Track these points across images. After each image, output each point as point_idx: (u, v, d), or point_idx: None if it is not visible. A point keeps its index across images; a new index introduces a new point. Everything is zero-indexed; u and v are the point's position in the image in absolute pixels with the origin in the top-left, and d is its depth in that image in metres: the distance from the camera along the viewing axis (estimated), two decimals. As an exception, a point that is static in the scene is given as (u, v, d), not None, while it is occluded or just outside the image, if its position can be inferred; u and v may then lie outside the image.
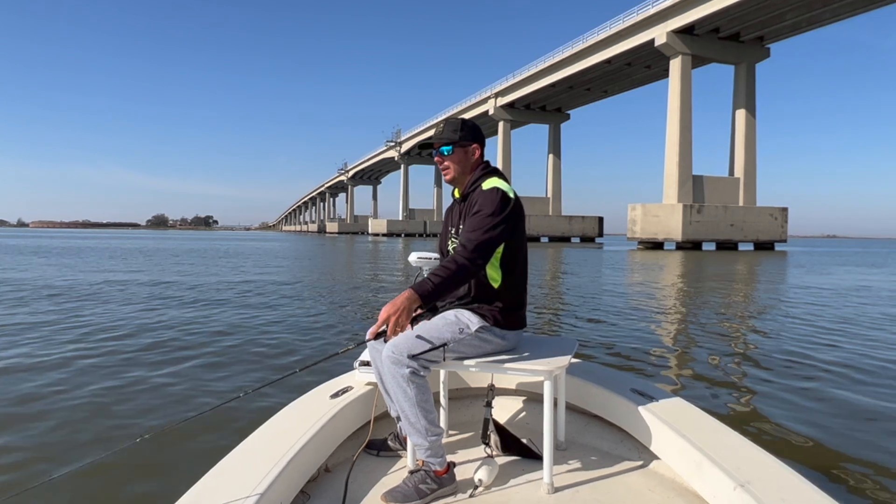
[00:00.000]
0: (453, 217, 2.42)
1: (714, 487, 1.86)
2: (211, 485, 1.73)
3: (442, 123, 2.41)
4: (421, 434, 2.09)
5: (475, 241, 2.14)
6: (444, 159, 2.35)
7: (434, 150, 2.38)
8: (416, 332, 2.12)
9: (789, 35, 51.10)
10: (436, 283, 2.07)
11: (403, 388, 2.06)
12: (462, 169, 2.36)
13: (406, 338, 2.09)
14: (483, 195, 2.26)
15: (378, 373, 2.28)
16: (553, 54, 61.99)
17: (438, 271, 2.09)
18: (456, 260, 2.12)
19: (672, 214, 49.34)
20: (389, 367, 2.06)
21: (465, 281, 2.17)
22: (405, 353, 2.05)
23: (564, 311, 9.84)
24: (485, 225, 2.16)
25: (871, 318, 9.41)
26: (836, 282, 17.11)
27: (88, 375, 5.03)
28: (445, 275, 2.08)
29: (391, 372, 2.07)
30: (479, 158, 2.39)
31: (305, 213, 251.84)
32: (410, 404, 2.07)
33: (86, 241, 50.15)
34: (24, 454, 3.34)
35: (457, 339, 2.15)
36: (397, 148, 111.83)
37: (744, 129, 51.54)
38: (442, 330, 2.14)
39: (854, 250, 59.28)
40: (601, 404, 2.53)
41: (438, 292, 2.08)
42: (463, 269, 2.11)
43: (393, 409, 2.33)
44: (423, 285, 2.06)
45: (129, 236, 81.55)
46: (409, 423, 2.10)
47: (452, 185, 2.42)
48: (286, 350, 6.23)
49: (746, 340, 7.32)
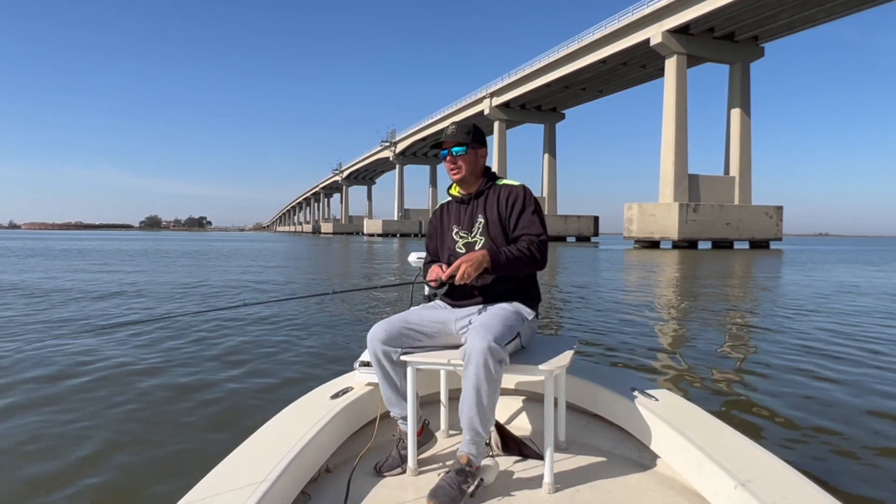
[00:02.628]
0: (460, 216, 2.47)
1: (714, 486, 1.87)
2: (212, 485, 1.73)
3: (454, 125, 2.47)
4: (485, 427, 2.09)
5: (546, 241, 2.35)
6: (457, 159, 2.42)
7: (444, 150, 2.45)
8: (501, 321, 2.13)
9: (783, 34, 51.28)
10: (509, 258, 2.25)
11: (494, 377, 2.02)
12: (471, 170, 2.45)
13: (502, 327, 2.10)
14: (525, 193, 2.40)
15: (381, 372, 2.27)
16: (548, 54, 62.10)
17: (515, 250, 2.27)
18: (532, 251, 2.29)
19: (668, 213, 49.45)
20: (486, 354, 1.99)
21: (527, 271, 2.35)
22: (503, 342, 2.06)
23: (563, 310, 9.85)
24: (545, 225, 2.37)
25: (872, 315, 9.44)
26: (835, 279, 17.18)
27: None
28: (521, 256, 2.26)
29: (485, 358, 2.00)
30: (485, 160, 2.50)
31: (300, 213, 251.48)
32: (493, 393, 2.05)
33: (86, 243, 49.97)
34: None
35: (522, 329, 2.24)
36: (392, 148, 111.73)
37: (739, 128, 51.69)
38: (512, 319, 2.20)
39: (847, 248, 59.55)
40: (601, 403, 2.54)
41: (507, 267, 2.25)
42: (534, 262, 2.30)
43: (397, 411, 2.32)
44: (498, 254, 2.24)
45: (125, 237, 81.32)
46: (481, 413, 2.05)
47: (460, 184, 2.49)
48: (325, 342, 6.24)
49: (746, 339, 7.34)
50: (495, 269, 2.24)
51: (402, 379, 2.29)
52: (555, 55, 60.76)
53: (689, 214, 49.15)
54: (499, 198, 2.41)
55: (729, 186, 52.28)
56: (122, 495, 2.91)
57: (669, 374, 5.38)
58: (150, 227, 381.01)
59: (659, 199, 51.19)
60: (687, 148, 50.76)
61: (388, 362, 2.26)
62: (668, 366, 5.75)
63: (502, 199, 2.40)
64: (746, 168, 52.43)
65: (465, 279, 2.20)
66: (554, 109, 76.76)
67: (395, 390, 2.31)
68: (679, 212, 48.69)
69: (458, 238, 2.45)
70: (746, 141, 52.12)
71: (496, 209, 2.39)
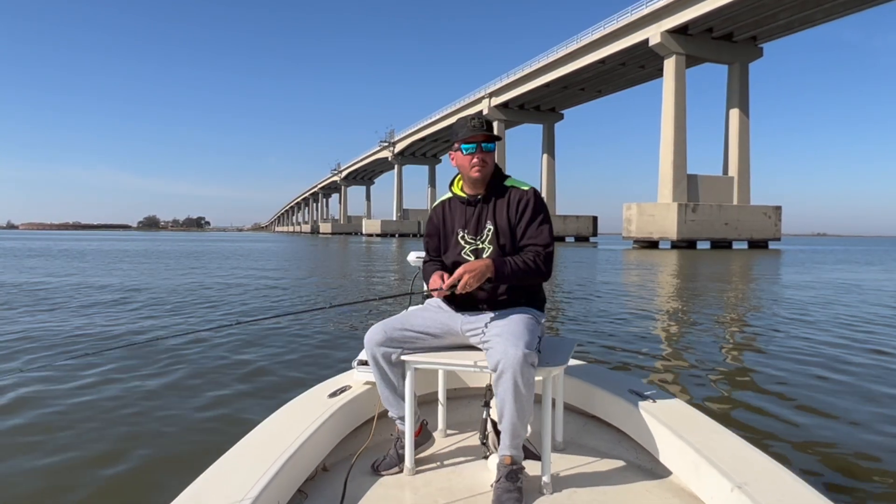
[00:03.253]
0: (466, 219, 2.35)
1: (711, 488, 1.87)
2: (208, 484, 1.73)
3: (477, 119, 2.31)
4: (525, 428, 2.11)
5: (552, 253, 2.30)
6: (486, 155, 2.29)
7: (470, 144, 2.28)
8: (526, 327, 2.13)
9: (782, 35, 51.33)
10: (514, 269, 2.21)
11: (531, 383, 2.04)
12: (492, 168, 2.35)
13: (529, 334, 2.10)
14: (535, 200, 2.32)
15: (379, 372, 2.27)
16: (547, 54, 62.13)
17: (520, 262, 2.23)
18: (539, 263, 2.25)
19: (667, 213, 49.48)
20: (523, 362, 1.99)
21: (530, 282, 2.30)
22: (533, 347, 2.06)
23: (562, 311, 9.85)
24: (552, 235, 2.32)
25: (870, 316, 9.45)
26: (836, 279, 17.19)
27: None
28: (525, 268, 2.23)
29: (523, 366, 2.00)
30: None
31: (298, 213, 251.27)
32: (531, 395, 2.06)
33: (84, 244, 49.90)
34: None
35: (539, 333, 2.23)
36: (391, 148, 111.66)
37: (737, 128, 51.73)
38: (532, 324, 2.20)
39: (845, 248, 59.60)
40: (599, 405, 2.54)
41: (511, 277, 2.22)
42: (539, 273, 2.26)
43: (395, 411, 2.33)
44: (503, 265, 2.20)
45: (124, 238, 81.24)
46: (522, 417, 2.06)
47: (474, 183, 2.34)
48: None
49: (744, 341, 7.34)
50: (499, 280, 2.21)
51: (399, 379, 2.28)
52: (554, 55, 60.77)
53: (687, 214, 49.18)
54: (508, 203, 2.30)
55: (727, 186, 52.31)
56: (119, 493, 2.91)
57: (667, 377, 5.38)
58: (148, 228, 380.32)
59: (658, 199, 51.21)
60: (686, 148, 50.80)
61: (387, 363, 2.25)
62: (667, 368, 5.74)
63: (512, 205, 2.30)
64: (745, 168, 52.45)
65: (468, 289, 2.16)
66: (552, 110, 76.78)
67: (393, 390, 2.30)
68: (678, 212, 48.72)
69: (464, 243, 2.35)
70: (745, 141, 52.16)
71: (506, 216, 2.29)
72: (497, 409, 2.09)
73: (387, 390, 2.31)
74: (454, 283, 2.17)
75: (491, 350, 2.07)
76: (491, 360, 2.05)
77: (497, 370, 2.02)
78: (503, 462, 2.07)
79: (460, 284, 2.15)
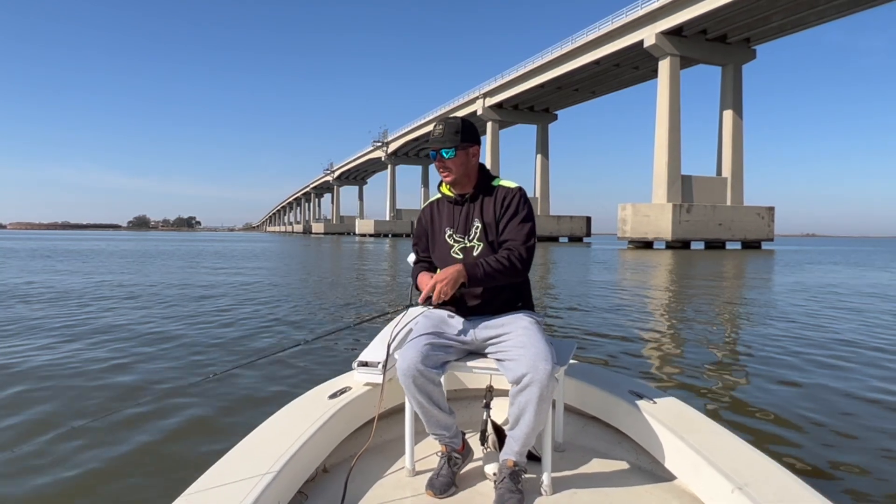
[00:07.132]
0: (454, 218, 2.35)
1: (712, 490, 1.87)
2: (208, 485, 1.72)
3: (441, 124, 2.29)
4: (535, 437, 2.10)
5: (531, 250, 2.26)
6: (446, 162, 2.27)
7: (433, 152, 2.29)
8: (543, 338, 2.12)
9: (775, 37, 51.61)
10: (487, 271, 2.17)
11: (551, 396, 2.03)
12: (463, 171, 2.30)
13: (550, 346, 2.09)
14: (520, 197, 2.30)
15: (427, 399, 2.17)
16: (542, 55, 62.20)
17: (493, 262, 2.18)
18: (512, 260, 2.20)
19: (662, 214, 49.66)
20: (550, 377, 1.99)
21: (508, 281, 2.25)
22: (553, 359, 2.05)
23: (561, 312, 9.85)
24: (533, 233, 2.28)
25: (868, 316, 9.49)
26: (831, 280, 17.26)
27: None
28: (499, 268, 2.18)
29: (549, 380, 1.99)
30: (478, 159, 2.36)
31: (290, 213, 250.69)
32: (549, 408, 2.07)
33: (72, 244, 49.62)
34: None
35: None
36: (384, 148, 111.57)
37: (731, 129, 51.97)
38: (543, 331, 2.19)
39: (836, 248, 59.92)
40: (599, 406, 2.54)
41: (486, 280, 2.18)
42: (514, 271, 2.21)
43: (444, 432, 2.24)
44: (475, 268, 2.17)
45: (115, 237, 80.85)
46: (537, 426, 2.05)
47: (453, 186, 2.35)
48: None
49: (743, 341, 7.35)
50: (472, 284, 2.17)
51: (441, 397, 2.20)
52: (548, 56, 60.87)
53: (682, 215, 49.39)
54: (495, 201, 2.30)
55: (721, 187, 52.56)
56: (119, 494, 2.89)
57: (667, 377, 5.38)
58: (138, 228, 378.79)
59: (652, 200, 51.39)
60: (680, 149, 50.99)
61: (433, 385, 2.16)
62: (666, 368, 5.75)
63: (498, 202, 2.30)
64: (738, 169, 52.71)
65: (443, 297, 2.13)
66: (546, 110, 76.92)
67: (440, 410, 2.19)
68: (672, 212, 48.91)
69: (452, 242, 2.34)
70: (738, 142, 52.40)
71: (492, 212, 2.29)
72: (511, 417, 2.08)
73: (436, 413, 2.18)
74: (429, 293, 2.15)
75: (516, 361, 2.05)
76: (515, 372, 2.03)
77: (521, 382, 2.00)
78: (506, 464, 2.07)
79: (435, 294, 2.13)
